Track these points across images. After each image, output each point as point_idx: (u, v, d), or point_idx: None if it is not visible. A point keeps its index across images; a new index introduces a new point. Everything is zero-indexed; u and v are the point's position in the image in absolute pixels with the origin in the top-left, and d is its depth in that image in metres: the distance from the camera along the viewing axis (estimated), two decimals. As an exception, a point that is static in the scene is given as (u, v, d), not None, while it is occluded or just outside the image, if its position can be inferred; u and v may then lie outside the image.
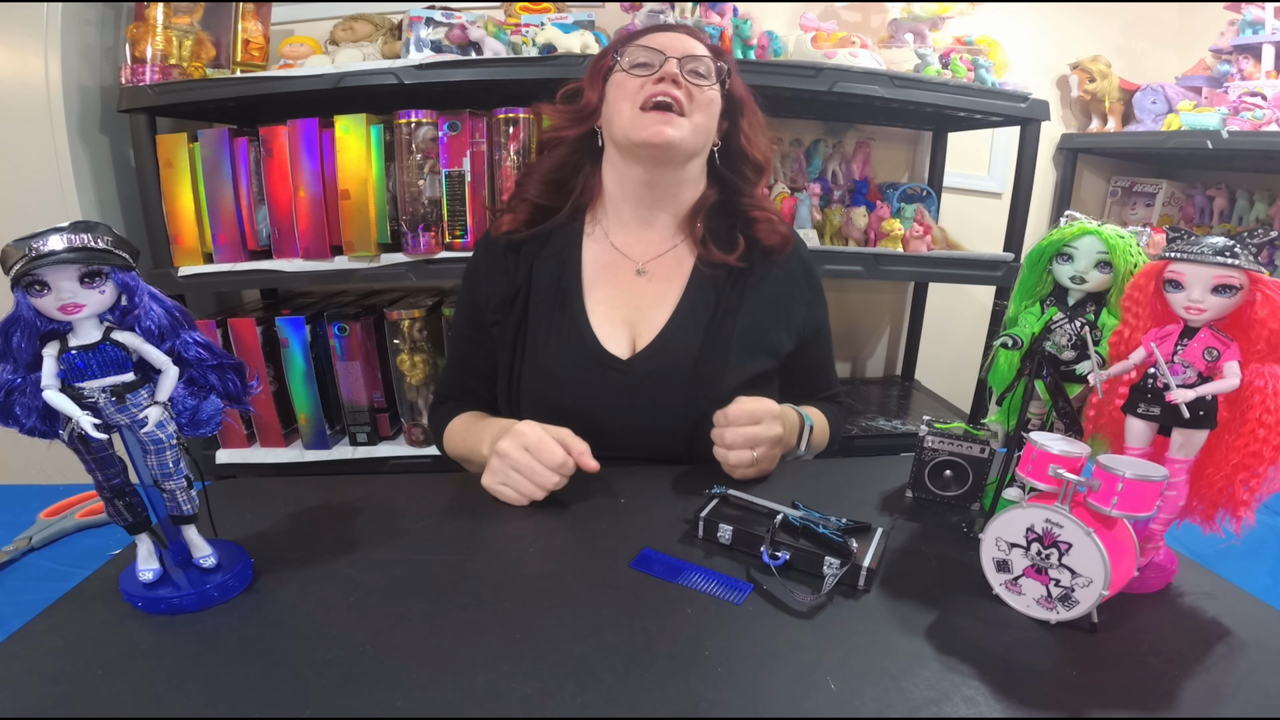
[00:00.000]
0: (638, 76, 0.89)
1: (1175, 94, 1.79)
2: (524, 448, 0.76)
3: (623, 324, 0.94)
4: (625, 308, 0.95)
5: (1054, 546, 0.56)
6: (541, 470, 0.75)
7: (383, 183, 1.43)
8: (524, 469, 0.76)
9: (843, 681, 0.51)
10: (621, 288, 0.96)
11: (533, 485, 0.76)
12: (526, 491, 0.76)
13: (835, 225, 1.68)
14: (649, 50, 0.90)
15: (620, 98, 0.91)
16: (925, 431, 0.80)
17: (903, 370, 2.12)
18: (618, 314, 0.94)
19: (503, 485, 0.77)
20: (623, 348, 0.92)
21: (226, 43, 1.48)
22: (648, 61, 0.90)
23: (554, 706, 0.48)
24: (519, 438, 0.76)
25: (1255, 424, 0.55)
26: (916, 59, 1.58)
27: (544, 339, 0.94)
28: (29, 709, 0.48)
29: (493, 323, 0.98)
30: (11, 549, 0.74)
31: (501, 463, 0.77)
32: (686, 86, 0.89)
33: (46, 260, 0.48)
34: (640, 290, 0.96)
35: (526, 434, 0.76)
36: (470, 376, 1.03)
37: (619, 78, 0.91)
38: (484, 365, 1.02)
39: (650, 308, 0.94)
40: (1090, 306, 0.67)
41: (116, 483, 0.57)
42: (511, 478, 0.76)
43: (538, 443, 0.76)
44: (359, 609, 0.59)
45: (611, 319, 0.94)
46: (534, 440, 0.76)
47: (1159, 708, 0.50)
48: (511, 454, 0.76)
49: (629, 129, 0.89)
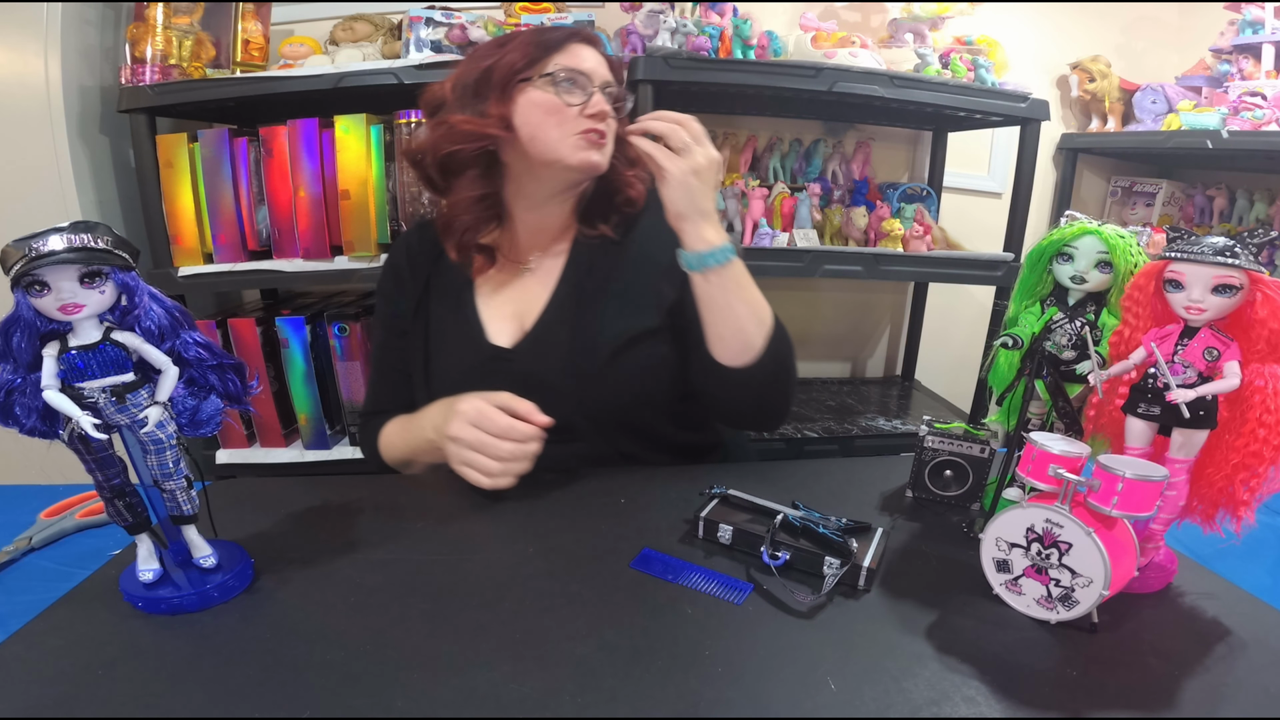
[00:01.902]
0: (570, 105, 0.86)
1: (1175, 94, 1.79)
2: (470, 424, 0.76)
3: (513, 317, 0.95)
4: (512, 303, 0.96)
5: (1054, 546, 0.56)
6: (490, 441, 0.75)
7: (383, 183, 1.43)
8: (476, 444, 0.76)
9: (843, 681, 0.51)
10: (509, 284, 0.97)
11: (488, 460, 0.75)
12: (487, 468, 0.75)
13: (835, 225, 1.68)
14: (575, 74, 0.87)
15: (545, 118, 0.87)
16: (925, 431, 0.80)
17: (903, 370, 2.12)
18: (509, 308, 0.95)
19: (464, 467, 0.77)
20: (508, 339, 0.94)
21: (226, 43, 1.48)
22: (576, 85, 0.87)
23: (554, 706, 0.48)
24: (462, 416, 0.77)
25: (1255, 424, 0.55)
26: (916, 59, 1.59)
27: (443, 342, 0.96)
28: (29, 709, 0.48)
29: (403, 332, 1.00)
30: (11, 549, 0.74)
31: (456, 446, 0.77)
32: (609, 120, 0.89)
33: (46, 260, 0.48)
34: (525, 284, 0.96)
35: (466, 410, 0.77)
36: (402, 386, 1.00)
37: (542, 97, 0.86)
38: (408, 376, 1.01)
39: (533, 300, 0.95)
40: (1090, 306, 0.67)
41: (117, 483, 0.57)
42: (470, 457, 0.76)
43: (479, 415, 0.76)
44: (359, 609, 0.59)
45: (503, 314, 0.95)
46: (474, 414, 0.77)
47: (1159, 708, 0.49)
48: (461, 434, 0.76)
49: (562, 152, 0.87)
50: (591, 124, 0.87)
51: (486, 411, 0.76)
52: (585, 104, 0.86)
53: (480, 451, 0.76)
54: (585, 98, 0.87)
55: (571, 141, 0.87)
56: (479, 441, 0.76)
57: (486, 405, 0.77)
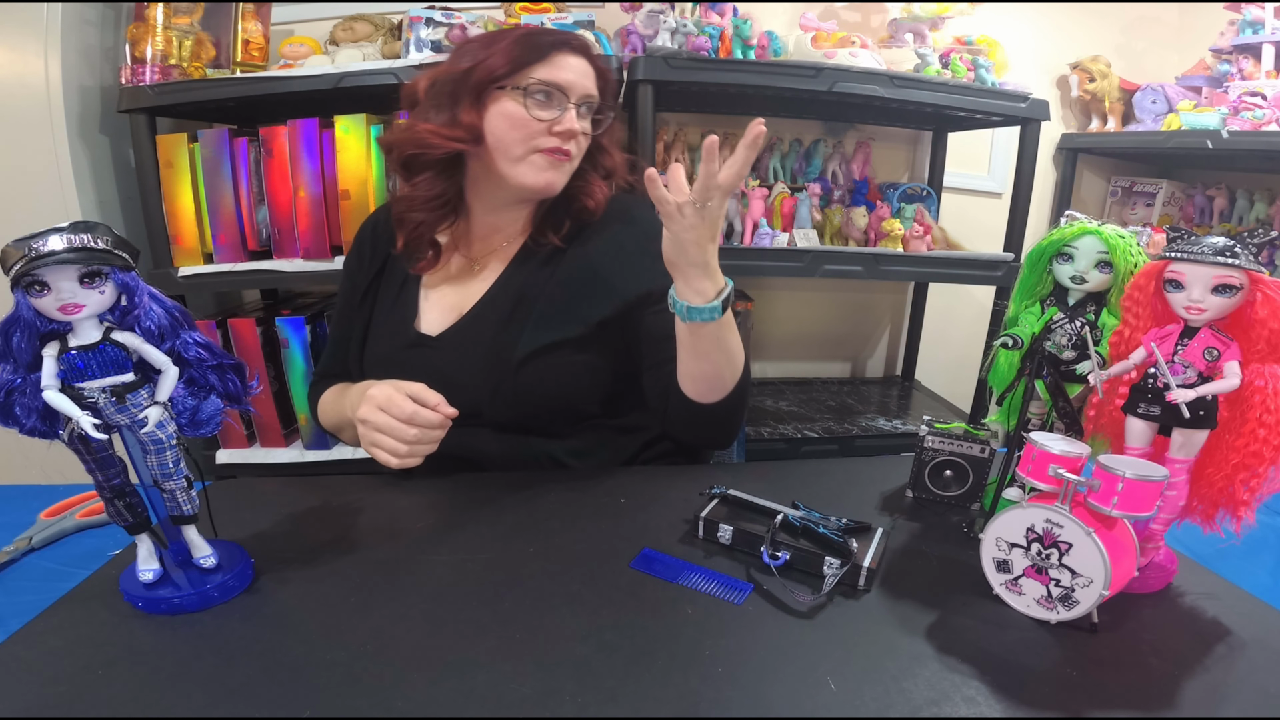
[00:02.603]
0: (538, 120, 0.85)
1: (1175, 94, 1.79)
2: (378, 408, 0.79)
3: (450, 309, 0.96)
4: (454, 296, 0.97)
5: (1054, 546, 0.56)
6: (397, 426, 0.78)
7: (383, 183, 1.43)
8: (383, 427, 0.79)
9: (843, 682, 0.51)
10: (456, 279, 0.98)
11: (395, 442, 0.78)
12: (393, 449, 0.79)
13: (835, 225, 1.68)
14: (550, 88, 0.86)
15: (510, 131, 0.86)
16: (925, 431, 0.80)
17: (903, 370, 2.12)
18: (448, 300, 0.97)
19: (372, 447, 0.80)
20: (438, 329, 0.95)
21: (226, 43, 1.48)
22: (548, 99, 0.86)
23: (554, 706, 0.48)
24: (372, 400, 0.80)
25: (1255, 424, 0.55)
26: (916, 59, 1.59)
27: (381, 325, 0.98)
28: (29, 709, 0.48)
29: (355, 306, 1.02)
30: (11, 549, 0.74)
31: (365, 428, 0.80)
32: (579, 138, 0.89)
33: (46, 260, 0.48)
34: (470, 276, 0.97)
35: (376, 395, 0.80)
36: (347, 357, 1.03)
37: (513, 108, 0.85)
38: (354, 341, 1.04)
39: (473, 293, 0.96)
40: (1090, 306, 0.67)
41: (117, 483, 0.57)
42: (376, 439, 0.80)
43: (387, 401, 0.79)
44: (359, 609, 0.59)
45: (442, 305, 0.96)
46: (383, 399, 0.79)
47: (1159, 708, 0.49)
48: (370, 417, 0.80)
49: (518, 172, 0.88)
50: (557, 142, 0.87)
51: (395, 398, 0.79)
52: (554, 121, 0.86)
53: (387, 434, 0.79)
54: (556, 114, 0.86)
55: (533, 160, 0.87)
56: (386, 425, 0.78)
57: (396, 392, 0.79)
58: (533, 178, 0.88)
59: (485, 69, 0.86)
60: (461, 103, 0.87)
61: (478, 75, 0.86)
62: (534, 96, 0.86)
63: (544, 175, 0.88)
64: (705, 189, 0.70)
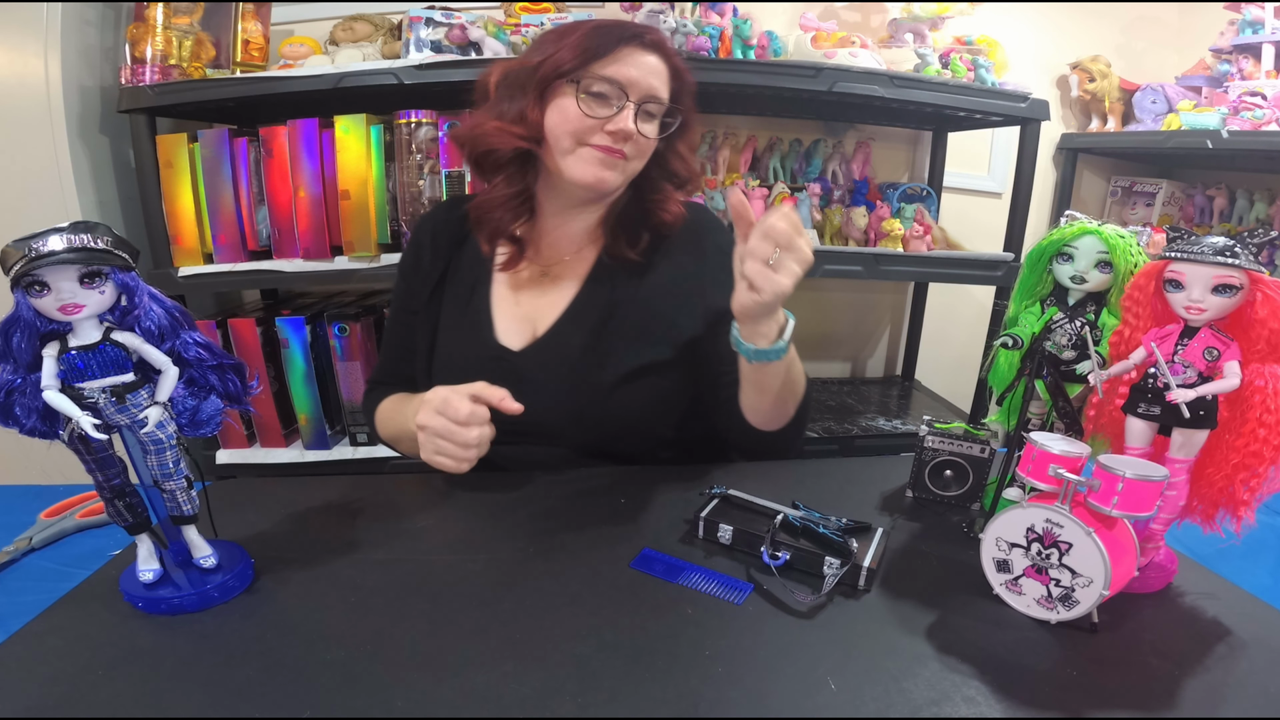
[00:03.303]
0: (589, 118, 0.82)
1: (1175, 94, 1.79)
2: (436, 412, 0.77)
3: (524, 319, 0.94)
4: (528, 305, 0.95)
5: (1054, 546, 0.56)
6: (456, 429, 0.76)
7: (383, 183, 1.43)
8: (441, 432, 0.77)
9: (843, 682, 0.51)
10: (528, 286, 0.96)
11: (455, 446, 0.76)
12: (454, 454, 0.77)
13: (835, 225, 1.68)
14: (610, 84, 0.82)
15: (561, 125, 0.84)
16: (925, 431, 0.80)
17: (903, 370, 2.12)
18: (520, 310, 0.94)
19: (435, 455, 0.78)
20: (517, 340, 0.93)
21: (226, 43, 1.48)
22: (606, 96, 0.83)
23: (554, 706, 0.48)
24: (429, 404, 0.78)
25: (1255, 424, 0.55)
26: (916, 59, 1.59)
27: (452, 331, 0.96)
28: (29, 709, 0.48)
29: (414, 312, 0.99)
30: (12, 549, 0.74)
31: (425, 435, 0.78)
32: (637, 138, 0.85)
33: (46, 260, 0.48)
34: (544, 289, 0.95)
35: (432, 399, 0.78)
36: (404, 361, 1.02)
37: (566, 103, 0.83)
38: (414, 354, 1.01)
39: (549, 306, 0.94)
40: (1090, 306, 0.67)
41: (117, 483, 0.57)
42: (437, 444, 0.77)
43: (444, 403, 0.77)
44: (359, 609, 0.59)
45: (515, 314, 0.94)
46: (440, 402, 0.77)
47: (1159, 708, 0.49)
48: (428, 423, 0.77)
49: (568, 165, 0.85)
50: (609, 141, 0.83)
51: (451, 400, 0.77)
52: (609, 119, 0.83)
53: (447, 439, 0.77)
54: (611, 112, 0.83)
55: (582, 154, 0.84)
56: (445, 429, 0.77)
57: (452, 394, 0.78)
58: (581, 171, 0.85)
59: (552, 63, 0.83)
60: (528, 98, 0.85)
61: (544, 70, 0.83)
62: (591, 93, 0.82)
63: (593, 170, 0.85)
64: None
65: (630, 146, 0.85)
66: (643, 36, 0.84)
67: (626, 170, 0.88)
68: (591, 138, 0.84)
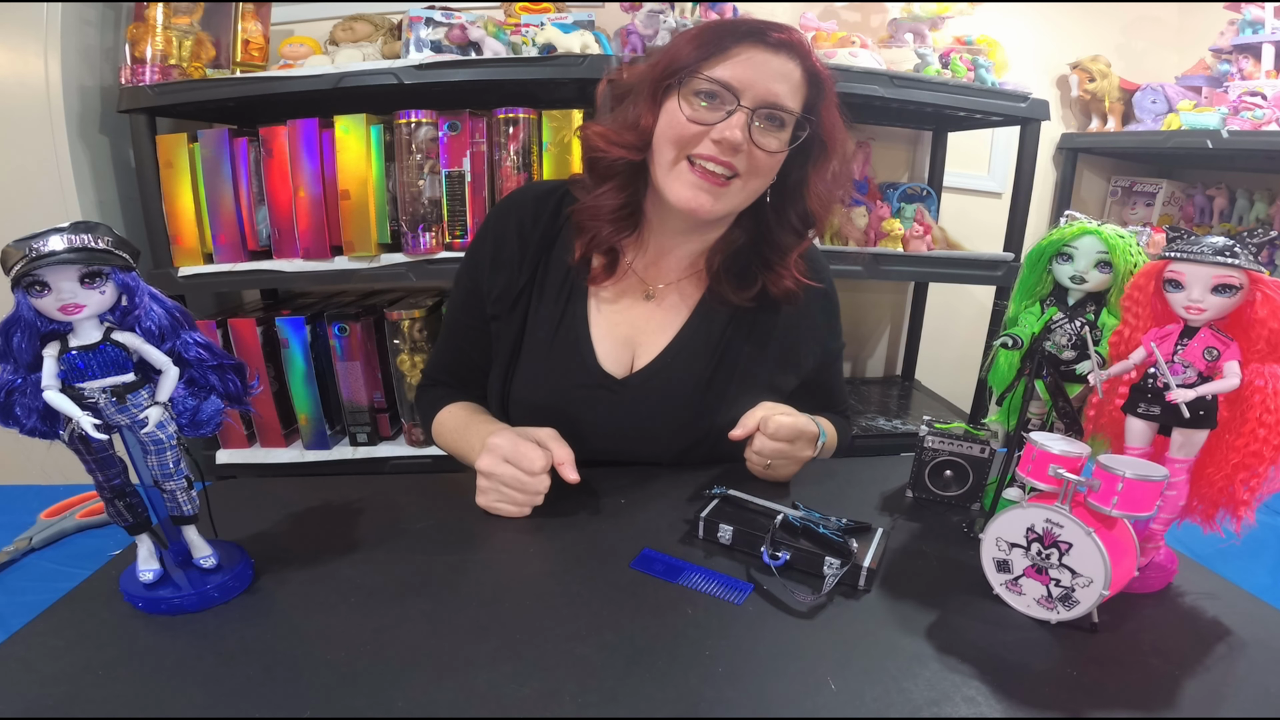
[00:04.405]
0: (694, 125, 0.74)
1: (1175, 94, 1.79)
2: (504, 459, 0.73)
3: (623, 343, 0.89)
4: (627, 327, 0.90)
5: (1054, 546, 0.56)
6: (526, 479, 0.72)
7: (383, 183, 1.43)
8: (509, 481, 0.73)
9: (843, 682, 0.51)
10: (626, 306, 0.91)
11: (523, 495, 0.73)
12: (520, 502, 0.74)
13: (835, 225, 1.68)
14: (720, 86, 0.73)
15: (665, 131, 0.76)
16: (925, 431, 0.80)
17: (903, 370, 2.12)
18: (619, 332, 0.89)
19: (498, 503, 0.74)
20: (618, 367, 0.89)
21: (226, 43, 1.48)
22: (714, 97, 0.74)
23: (554, 706, 0.48)
24: (496, 451, 0.73)
25: (1255, 424, 0.55)
26: (916, 59, 1.59)
27: (542, 346, 0.89)
28: (29, 709, 0.48)
29: (492, 316, 0.92)
30: (12, 549, 0.74)
31: (488, 481, 0.74)
32: (749, 150, 0.75)
33: (47, 261, 0.48)
34: (645, 312, 0.90)
35: (501, 446, 0.73)
36: (462, 364, 0.97)
37: (672, 106, 0.76)
38: (476, 355, 0.95)
39: (652, 332, 0.89)
40: (1090, 306, 0.67)
41: (117, 483, 0.57)
42: (503, 493, 0.74)
43: (513, 452, 0.73)
44: (359, 609, 0.59)
45: (613, 336, 0.89)
46: (509, 450, 0.73)
47: (1159, 708, 0.50)
48: (494, 471, 0.73)
49: (666, 182, 0.78)
50: (713, 151, 0.75)
51: (521, 448, 0.73)
52: (712, 127, 0.74)
53: (514, 488, 0.73)
54: (720, 117, 0.74)
55: (680, 171, 0.76)
56: (514, 479, 0.73)
57: (521, 442, 0.73)
58: (676, 191, 0.77)
59: (665, 62, 0.75)
60: (642, 101, 0.79)
61: (658, 70, 0.76)
62: (697, 93, 0.74)
63: (687, 193, 0.77)
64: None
65: (742, 160, 0.76)
66: (766, 34, 0.74)
67: (733, 198, 0.79)
68: (696, 148, 0.76)
